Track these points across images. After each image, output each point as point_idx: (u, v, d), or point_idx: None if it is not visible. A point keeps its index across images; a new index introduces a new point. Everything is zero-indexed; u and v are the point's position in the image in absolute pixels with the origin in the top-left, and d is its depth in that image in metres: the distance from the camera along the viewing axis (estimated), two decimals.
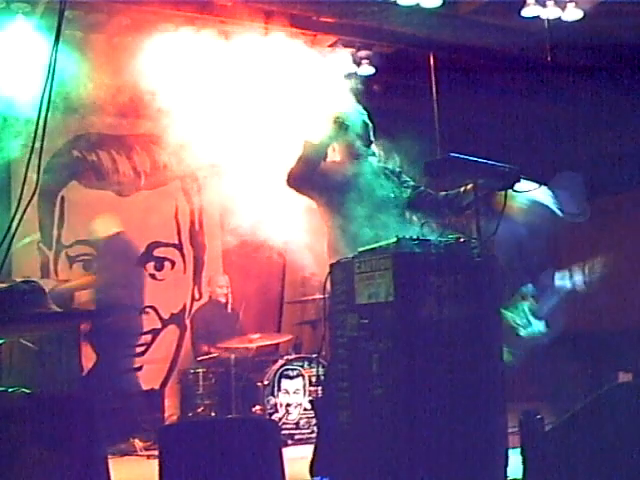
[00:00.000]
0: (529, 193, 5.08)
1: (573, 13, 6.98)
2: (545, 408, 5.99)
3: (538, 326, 6.33)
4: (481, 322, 4.49)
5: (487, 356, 4.51)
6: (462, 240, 4.52)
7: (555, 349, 6.44)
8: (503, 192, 4.76)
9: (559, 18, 6.99)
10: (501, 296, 4.69)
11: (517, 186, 4.78)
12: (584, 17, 7.01)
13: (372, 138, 5.20)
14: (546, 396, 6.26)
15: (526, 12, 6.93)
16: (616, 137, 8.88)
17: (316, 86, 6.43)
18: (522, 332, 6.30)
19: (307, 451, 5.40)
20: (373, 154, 5.23)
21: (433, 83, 7.61)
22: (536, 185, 5.02)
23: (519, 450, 4.33)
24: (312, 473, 5.05)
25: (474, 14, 7.28)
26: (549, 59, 7.48)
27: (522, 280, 6.48)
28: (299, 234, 5.87)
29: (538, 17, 6.96)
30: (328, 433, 4.88)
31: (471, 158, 4.66)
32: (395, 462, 4.27)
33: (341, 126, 4.97)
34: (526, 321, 6.33)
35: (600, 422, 4.28)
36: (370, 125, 5.19)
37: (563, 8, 6.96)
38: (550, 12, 6.94)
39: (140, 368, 8.40)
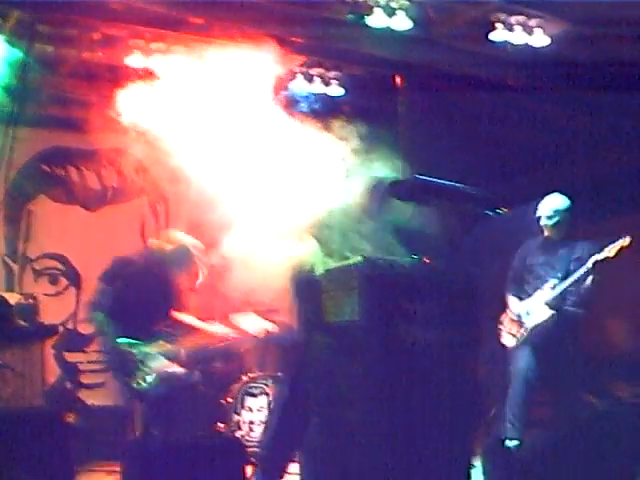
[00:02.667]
0: None
1: (540, 39, 7.08)
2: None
3: None
4: (447, 341, 4.51)
5: (455, 375, 4.53)
6: (427, 260, 4.56)
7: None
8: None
9: (526, 43, 7.08)
10: (468, 315, 4.72)
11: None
12: (551, 42, 7.11)
13: None
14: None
15: (494, 36, 7.02)
16: (584, 158, 9.00)
17: (285, 103, 6.46)
18: None
19: None
20: None
21: (402, 105, 7.67)
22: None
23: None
24: None
25: (444, 37, 7.36)
26: (516, 82, 7.58)
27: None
28: (266, 250, 5.88)
29: (506, 42, 7.05)
30: None
31: (437, 180, 4.70)
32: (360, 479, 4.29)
33: None
34: None
35: (568, 445, 4.34)
36: None
37: (530, 33, 7.05)
38: (518, 37, 7.04)
39: (103, 384, 8.35)
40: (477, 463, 4.98)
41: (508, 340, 6.61)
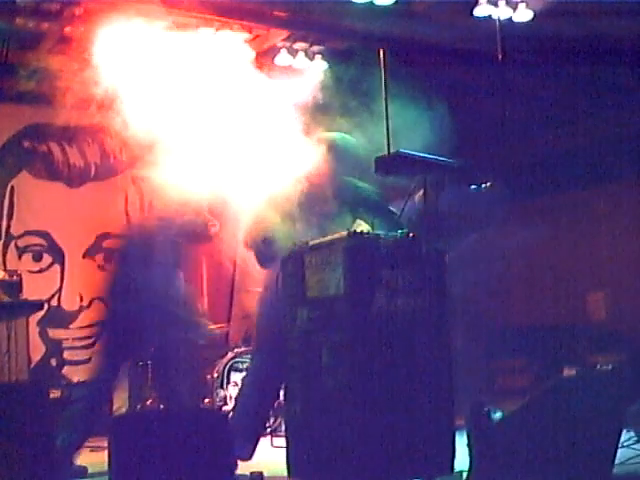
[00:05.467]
0: None
1: (524, 13, 7.07)
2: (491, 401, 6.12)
3: None
4: (429, 315, 4.55)
5: (435, 348, 4.58)
6: (411, 235, 4.58)
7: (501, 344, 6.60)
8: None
9: (510, 18, 7.07)
10: (448, 289, 4.76)
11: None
12: (534, 17, 7.10)
13: None
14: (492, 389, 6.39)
15: (478, 11, 7.01)
16: (566, 134, 9.04)
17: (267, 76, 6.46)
18: None
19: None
20: None
21: (384, 79, 7.65)
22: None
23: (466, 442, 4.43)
24: None
25: (427, 11, 7.34)
26: (500, 57, 7.57)
27: None
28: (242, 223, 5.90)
29: (490, 16, 7.03)
30: None
31: (420, 154, 4.72)
32: (345, 452, 4.32)
33: None
34: None
35: (546, 414, 4.39)
36: None
37: (514, 8, 7.04)
38: (502, 12, 7.02)
39: (89, 360, 8.35)
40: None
41: None
